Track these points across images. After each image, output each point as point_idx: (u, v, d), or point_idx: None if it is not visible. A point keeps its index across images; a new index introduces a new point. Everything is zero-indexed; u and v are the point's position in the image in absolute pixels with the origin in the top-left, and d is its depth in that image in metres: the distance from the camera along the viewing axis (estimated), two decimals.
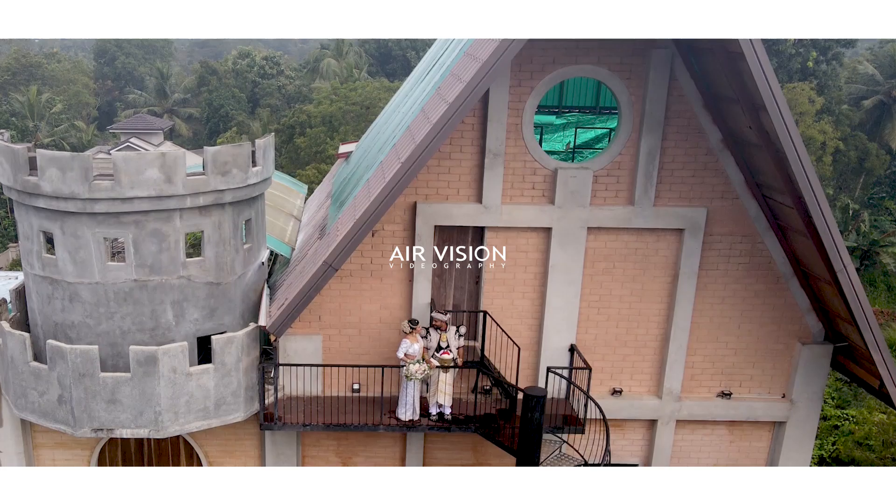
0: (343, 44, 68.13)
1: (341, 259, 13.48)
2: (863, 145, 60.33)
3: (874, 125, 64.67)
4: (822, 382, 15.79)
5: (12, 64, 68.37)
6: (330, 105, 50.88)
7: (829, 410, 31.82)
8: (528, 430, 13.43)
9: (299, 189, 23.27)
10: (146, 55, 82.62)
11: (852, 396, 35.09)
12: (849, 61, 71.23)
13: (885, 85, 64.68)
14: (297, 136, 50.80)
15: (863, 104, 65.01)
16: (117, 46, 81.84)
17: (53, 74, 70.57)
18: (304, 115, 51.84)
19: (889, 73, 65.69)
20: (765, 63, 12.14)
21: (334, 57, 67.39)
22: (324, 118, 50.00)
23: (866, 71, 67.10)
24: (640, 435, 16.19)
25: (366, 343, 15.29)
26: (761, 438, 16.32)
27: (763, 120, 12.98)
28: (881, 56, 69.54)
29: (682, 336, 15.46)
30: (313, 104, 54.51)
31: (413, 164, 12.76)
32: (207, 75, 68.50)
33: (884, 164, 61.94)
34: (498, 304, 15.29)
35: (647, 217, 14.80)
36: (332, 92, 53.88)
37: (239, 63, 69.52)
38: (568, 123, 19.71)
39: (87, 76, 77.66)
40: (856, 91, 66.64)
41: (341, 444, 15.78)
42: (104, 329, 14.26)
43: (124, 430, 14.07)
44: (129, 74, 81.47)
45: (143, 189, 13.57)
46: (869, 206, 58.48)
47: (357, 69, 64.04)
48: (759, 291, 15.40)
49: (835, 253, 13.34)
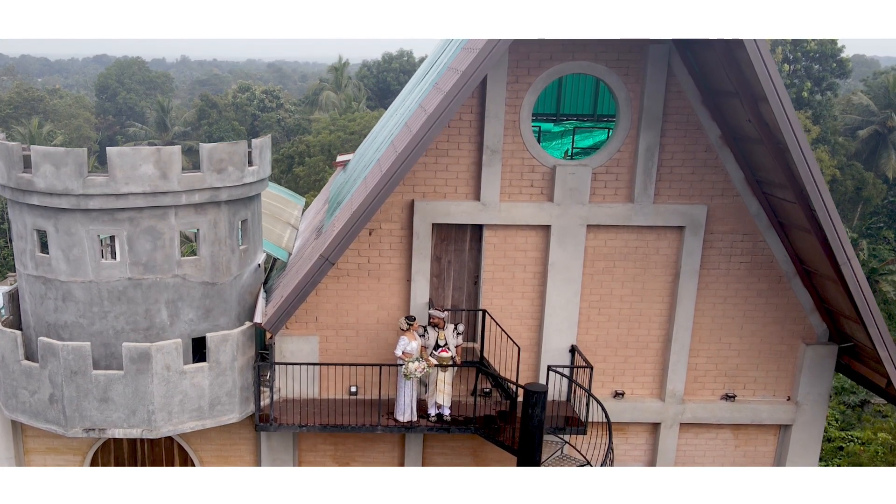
0: (342, 77, 68.72)
1: (338, 252, 13.31)
2: (859, 175, 60.59)
3: (870, 155, 65.02)
4: (828, 384, 15.52)
5: (14, 98, 68.90)
6: (329, 134, 51.15)
7: (833, 432, 31.41)
8: (528, 427, 13.15)
9: (297, 200, 23.20)
10: (147, 90, 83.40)
11: (856, 419, 34.73)
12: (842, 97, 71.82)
13: (879, 115, 65.17)
14: (296, 165, 50.99)
15: (858, 134, 65.44)
16: (119, 82, 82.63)
17: (55, 109, 71.10)
18: (304, 145, 52.08)
19: (883, 103, 66.23)
20: (764, 51, 12.12)
21: (333, 90, 67.93)
22: (322, 147, 50.23)
23: (861, 102, 67.67)
24: (644, 439, 15.87)
25: (363, 344, 15.06)
26: (767, 443, 16.00)
27: (763, 111, 12.93)
28: (875, 87, 70.17)
29: (685, 336, 15.24)
30: (312, 134, 54.81)
31: (410, 153, 12.66)
32: (208, 108, 68.98)
33: (881, 194, 62.17)
34: (497, 305, 15.09)
35: (646, 214, 14.68)
36: (331, 122, 54.21)
37: (239, 97, 70.08)
38: (566, 131, 19.74)
39: (88, 111, 78.25)
40: (851, 121, 67.14)
41: (338, 449, 15.44)
42: (97, 329, 14.03)
43: (116, 430, 13.77)
44: (129, 109, 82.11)
45: (138, 185, 13.46)
46: (867, 235, 58.49)
47: (356, 101, 64.50)
48: (762, 291, 15.22)
49: (838, 244, 13.19)
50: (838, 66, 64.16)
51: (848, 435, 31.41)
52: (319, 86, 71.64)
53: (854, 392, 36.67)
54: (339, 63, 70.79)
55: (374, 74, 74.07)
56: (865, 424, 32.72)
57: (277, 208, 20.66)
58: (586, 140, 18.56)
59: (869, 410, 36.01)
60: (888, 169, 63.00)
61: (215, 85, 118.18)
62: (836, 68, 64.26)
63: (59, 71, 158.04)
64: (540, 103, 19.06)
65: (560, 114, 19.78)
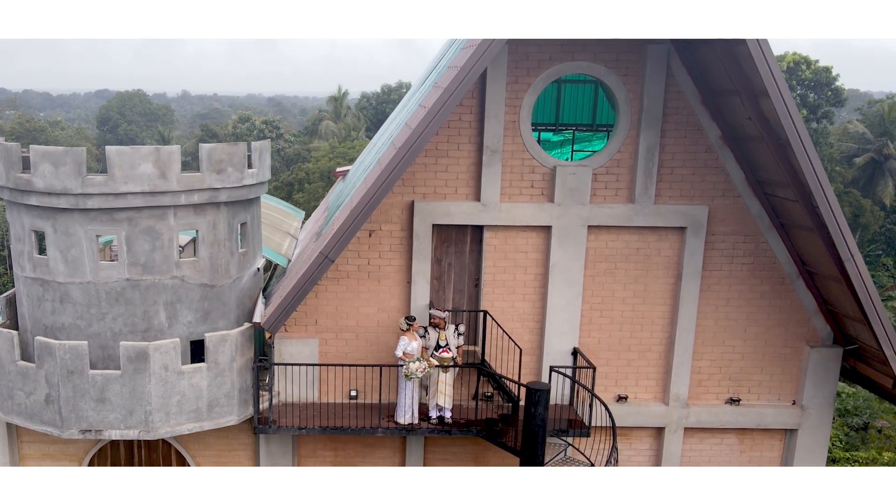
0: (341, 107, 69.17)
1: (338, 249, 13.22)
2: (857, 202, 60.71)
3: (867, 182, 65.25)
4: (833, 387, 15.34)
5: (16, 128, 69.28)
6: (329, 161, 51.33)
7: (837, 453, 31.05)
8: (531, 426, 12.94)
9: (296, 213, 23.18)
10: (148, 122, 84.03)
11: (860, 441, 34.39)
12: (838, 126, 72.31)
13: (875, 143, 65.54)
14: (295, 192, 51.05)
15: (855, 162, 65.76)
16: (120, 114, 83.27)
17: (57, 140, 71.50)
18: (303, 172, 52.23)
19: (879, 131, 66.68)
20: (764, 45, 12.15)
21: (332, 119, 68.33)
22: (322, 174, 50.36)
23: (857, 130, 68.10)
24: (648, 444, 15.64)
25: (363, 347, 14.90)
26: (773, 448, 15.76)
27: (763, 106, 12.94)
28: (870, 115, 70.71)
29: (688, 339, 15.10)
30: (312, 162, 55.01)
31: (410, 148, 12.63)
32: (208, 138, 69.29)
33: (878, 221, 62.24)
34: (498, 307, 14.96)
35: (647, 215, 14.62)
36: (331, 150, 54.45)
37: (239, 127, 70.48)
38: (565, 140, 19.75)
39: (89, 143, 78.67)
40: (847, 149, 67.49)
41: (338, 455, 15.20)
42: (95, 331, 13.88)
43: (113, 432, 13.55)
44: (131, 141, 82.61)
45: (137, 184, 13.41)
46: (866, 262, 58.30)
47: (355, 130, 64.85)
48: (765, 293, 15.11)
49: (841, 240, 13.11)
50: (833, 95, 64.68)
51: (852, 455, 31.06)
52: (319, 115, 72.10)
53: (857, 415, 36.37)
54: (338, 93, 71.31)
55: (373, 106, 74.57)
56: (870, 446, 32.36)
57: (277, 219, 20.62)
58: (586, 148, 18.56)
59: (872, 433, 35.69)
60: (885, 196, 63.18)
61: (216, 118, 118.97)
62: (832, 96, 64.77)
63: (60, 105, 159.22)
64: (539, 113, 19.12)
65: (559, 123, 19.82)
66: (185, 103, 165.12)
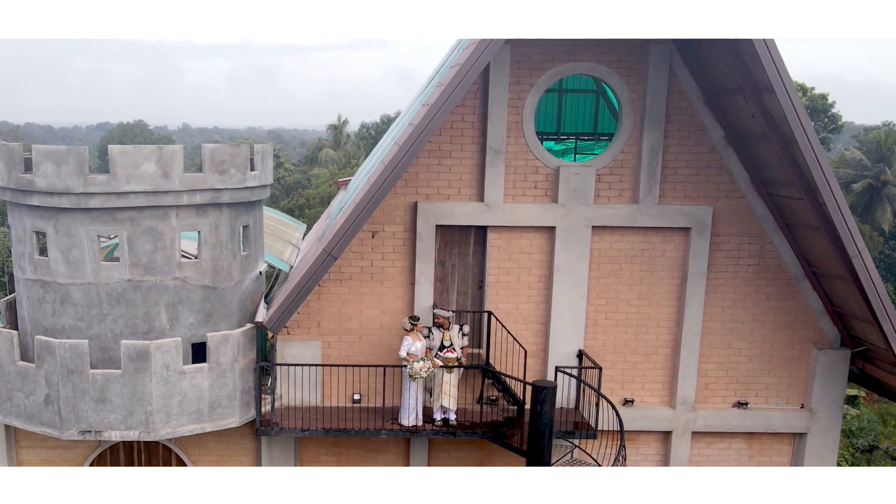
0: (341, 135, 69.49)
1: (341, 247, 13.13)
2: None
3: (865, 208, 65.36)
4: (842, 390, 15.17)
5: None
6: (329, 187, 51.41)
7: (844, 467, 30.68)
8: (537, 426, 12.76)
9: (298, 225, 23.13)
10: None
11: (866, 462, 34.02)
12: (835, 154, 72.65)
13: (873, 169, 65.78)
14: (296, 217, 51.08)
15: (853, 188, 65.96)
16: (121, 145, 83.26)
17: None
18: (303, 199, 52.30)
19: (876, 157, 66.95)
20: (768, 40, 12.15)
21: (332, 147, 68.62)
22: (322, 199, 50.42)
23: (854, 156, 68.39)
24: (655, 449, 15.41)
25: (366, 350, 14.75)
26: (782, 452, 15.54)
27: (767, 103, 12.93)
28: (868, 142, 71.05)
29: (694, 341, 14.95)
30: (312, 188, 55.12)
31: (413, 145, 12.61)
32: None
33: (877, 246, 62.19)
34: (502, 309, 14.83)
35: (651, 215, 14.56)
36: (331, 177, 54.55)
37: None
38: (567, 149, 19.79)
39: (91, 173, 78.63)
40: (845, 176, 67.65)
41: (341, 459, 14.95)
42: (95, 332, 13.73)
43: (113, 433, 13.32)
44: None
45: (139, 183, 13.37)
46: None
47: (354, 158, 65.08)
48: (771, 294, 14.99)
49: (848, 237, 13.04)
50: (830, 121, 65.09)
51: None
52: (318, 144, 72.42)
53: (862, 436, 36.05)
54: (338, 122, 71.69)
55: (372, 136, 74.94)
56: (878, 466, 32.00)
57: (279, 229, 20.57)
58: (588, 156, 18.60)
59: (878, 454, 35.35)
60: (884, 221, 63.27)
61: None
62: (829, 123, 65.17)
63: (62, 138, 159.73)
64: (541, 122, 19.20)
65: (561, 132, 19.89)
66: (186, 135, 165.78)
